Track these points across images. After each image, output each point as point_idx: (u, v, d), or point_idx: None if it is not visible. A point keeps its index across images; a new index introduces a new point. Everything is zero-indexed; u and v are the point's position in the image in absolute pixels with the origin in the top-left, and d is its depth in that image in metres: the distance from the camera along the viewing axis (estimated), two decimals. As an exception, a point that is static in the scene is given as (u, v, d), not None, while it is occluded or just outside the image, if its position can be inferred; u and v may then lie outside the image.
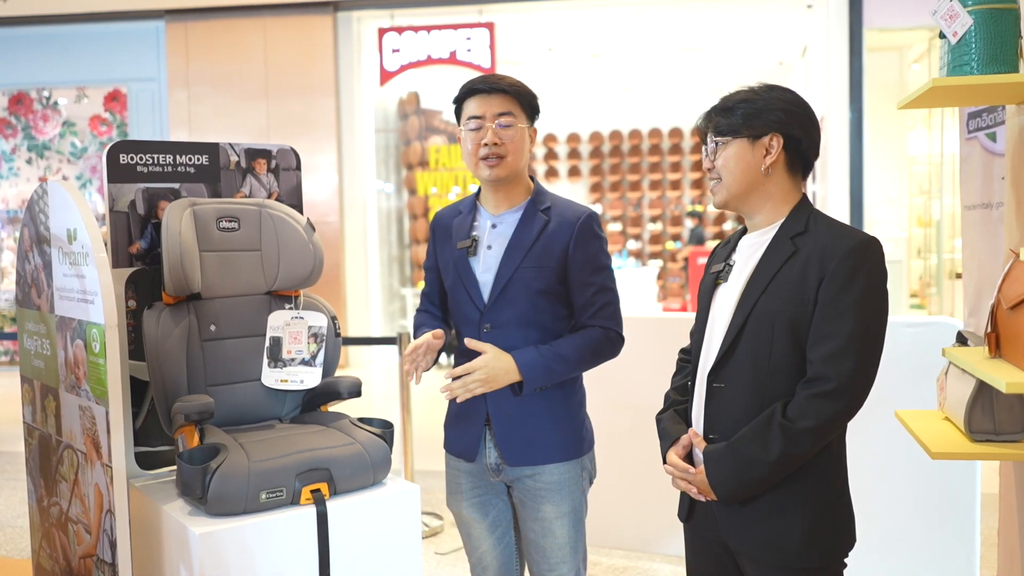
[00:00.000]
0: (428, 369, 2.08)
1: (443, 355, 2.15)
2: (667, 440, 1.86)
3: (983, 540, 3.49)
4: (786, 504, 1.70)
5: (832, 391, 1.61)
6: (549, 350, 2.03)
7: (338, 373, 2.40)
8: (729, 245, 1.90)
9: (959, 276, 8.15)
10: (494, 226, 2.12)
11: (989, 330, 1.67)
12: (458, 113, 2.13)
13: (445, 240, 2.19)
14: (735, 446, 1.69)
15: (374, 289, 8.88)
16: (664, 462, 1.86)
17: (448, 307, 2.20)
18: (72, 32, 8.48)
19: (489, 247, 2.10)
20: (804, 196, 1.80)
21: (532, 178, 2.19)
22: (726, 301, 1.79)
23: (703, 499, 1.78)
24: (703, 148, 1.84)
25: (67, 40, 8.51)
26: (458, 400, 2.05)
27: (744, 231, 1.88)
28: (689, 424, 1.85)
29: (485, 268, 2.09)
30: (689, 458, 1.82)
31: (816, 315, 1.64)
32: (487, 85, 2.06)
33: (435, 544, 3.92)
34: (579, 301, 2.09)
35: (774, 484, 1.69)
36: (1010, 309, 1.58)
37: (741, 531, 1.73)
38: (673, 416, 1.90)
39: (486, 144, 2.04)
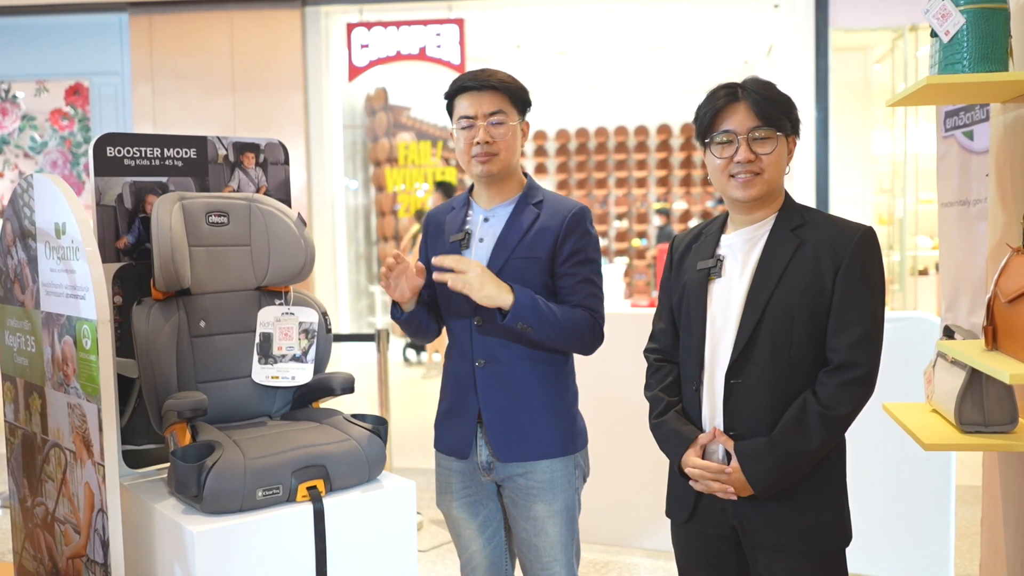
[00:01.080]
0: (403, 297, 2.07)
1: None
2: (681, 442, 1.81)
3: (957, 532, 3.57)
4: (819, 492, 1.74)
5: (862, 376, 1.67)
6: (543, 301, 2.01)
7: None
8: (705, 239, 1.89)
9: (922, 273, 8.32)
10: (486, 220, 2.13)
11: (986, 323, 1.70)
12: (449, 109, 2.12)
13: (437, 236, 2.19)
14: (773, 440, 1.69)
15: (342, 286, 8.82)
16: (675, 465, 1.83)
17: (434, 304, 2.20)
18: (32, 24, 8.28)
19: (481, 240, 2.11)
20: (787, 192, 1.84)
21: (525, 173, 2.19)
22: (729, 297, 1.79)
23: (734, 498, 1.75)
24: (714, 138, 1.76)
25: (27, 32, 8.32)
26: (449, 285, 1.96)
27: (721, 226, 1.88)
28: (693, 424, 1.84)
29: (477, 260, 2.08)
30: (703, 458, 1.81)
31: (835, 303, 1.69)
32: (477, 83, 2.05)
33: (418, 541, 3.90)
34: (563, 289, 2.08)
35: (807, 474, 1.72)
36: (1008, 303, 1.62)
37: (776, 524, 1.74)
38: (677, 418, 1.85)
39: (478, 143, 2.04)
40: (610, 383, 3.55)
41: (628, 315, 3.91)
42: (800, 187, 7.81)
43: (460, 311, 2.10)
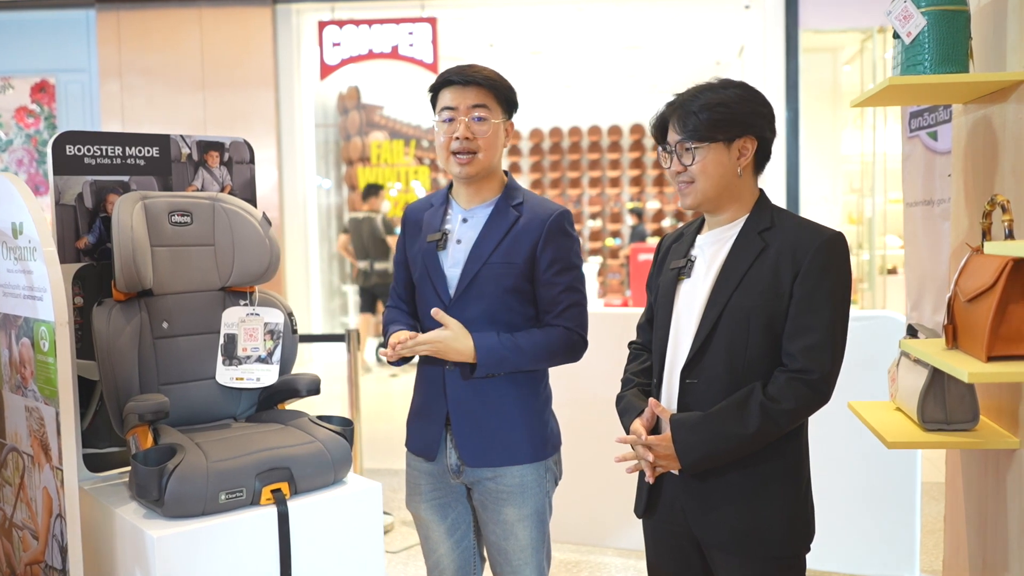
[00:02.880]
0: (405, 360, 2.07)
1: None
2: (632, 412, 1.86)
3: (923, 528, 3.61)
4: (764, 495, 1.73)
5: (814, 381, 1.66)
6: (509, 339, 2.00)
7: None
8: (683, 240, 1.92)
9: (891, 272, 8.40)
10: (465, 220, 2.09)
11: (947, 322, 1.72)
12: (433, 103, 2.08)
13: (415, 233, 2.16)
14: (710, 417, 1.71)
15: (315, 286, 8.76)
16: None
17: (412, 304, 2.18)
18: (-3, 20, 8.15)
19: (459, 241, 2.07)
20: (762, 191, 1.84)
21: (506, 173, 2.15)
22: (693, 297, 1.81)
23: (658, 471, 1.78)
24: (663, 149, 1.83)
25: (-9, 28, 8.19)
26: (387, 359, 2.01)
27: (699, 226, 1.90)
28: None
29: (453, 262, 2.06)
30: (655, 433, 1.82)
31: (792, 309, 1.68)
32: (462, 77, 2.01)
33: (385, 543, 3.88)
34: (544, 300, 2.06)
35: (734, 462, 1.72)
36: (967, 302, 1.63)
37: (717, 524, 1.75)
38: (637, 394, 1.90)
39: (458, 138, 2.01)
40: (583, 382, 3.55)
41: (601, 314, 3.91)
42: (771, 187, 7.87)
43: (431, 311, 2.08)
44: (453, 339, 1.98)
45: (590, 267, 11.19)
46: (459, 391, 2.04)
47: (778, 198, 7.83)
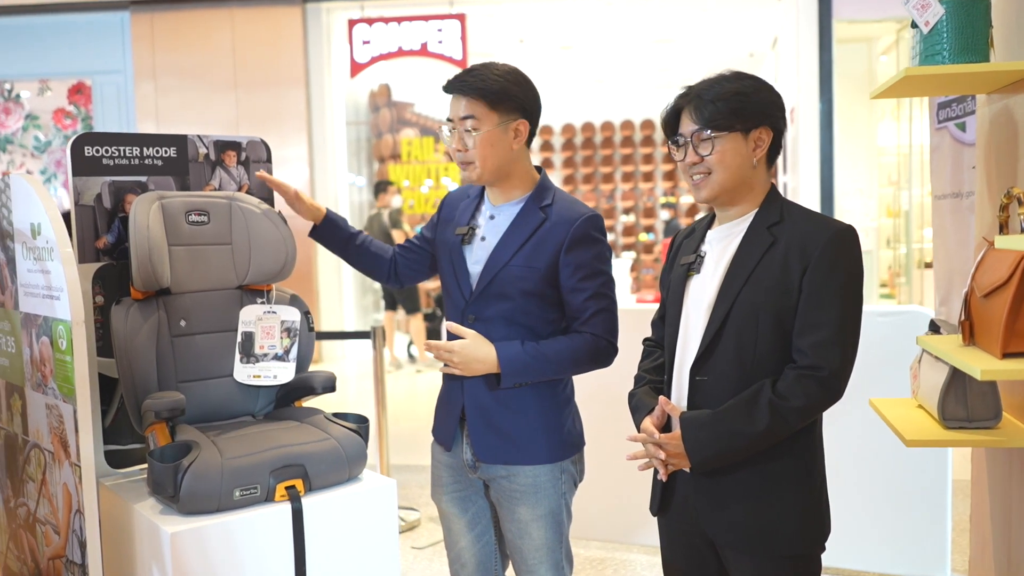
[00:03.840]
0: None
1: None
2: (642, 410, 1.84)
3: (955, 526, 3.54)
4: (775, 494, 1.71)
5: (824, 378, 1.63)
6: (534, 348, 1.97)
7: (312, 368, 2.37)
8: (695, 236, 1.90)
9: (928, 265, 8.25)
10: (492, 217, 2.08)
11: (963, 318, 1.68)
12: None
13: (449, 219, 2.15)
14: (719, 415, 1.69)
15: (347, 283, 8.82)
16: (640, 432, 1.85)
17: (408, 258, 2.27)
18: (35, 23, 8.32)
19: (483, 238, 2.06)
20: (773, 185, 1.81)
21: (540, 169, 2.10)
22: (702, 293, 1.78)
23: (670, 469, 1.76)
24: (673, 142, 1.80)
25: (30, 32, 8.35)
26: (434, 355, 2.02)
27: (710, 222, 1.88)
28: None
29: (476, 259, 2.05)
30: (665, 431, 1.80)
31: (802, 304, 1.65)
32: (451, 86, 2.00)
33: (412, 539, 3.90)
34: (571, 306, 2.02)
35: (745, 460, 1.70)
36: (983, 297, 1.59)
37: (728, 523, 1.73)
38: (648, 391, 1.88)
39: (457, 150, 2.02)
40: (611, 378, 3.50)
41: (634, 311, 3.88)
42: (805, 179, 7.77)
43: (456, 303, 2.07)
44: (473, 347, 1.97)
45: (623, 263, 11.14)
46: (476, 386, 2.03)
47: (812, 190, 7.72)
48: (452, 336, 2.03)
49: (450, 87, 2.01)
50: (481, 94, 1.97)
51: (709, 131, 1.71)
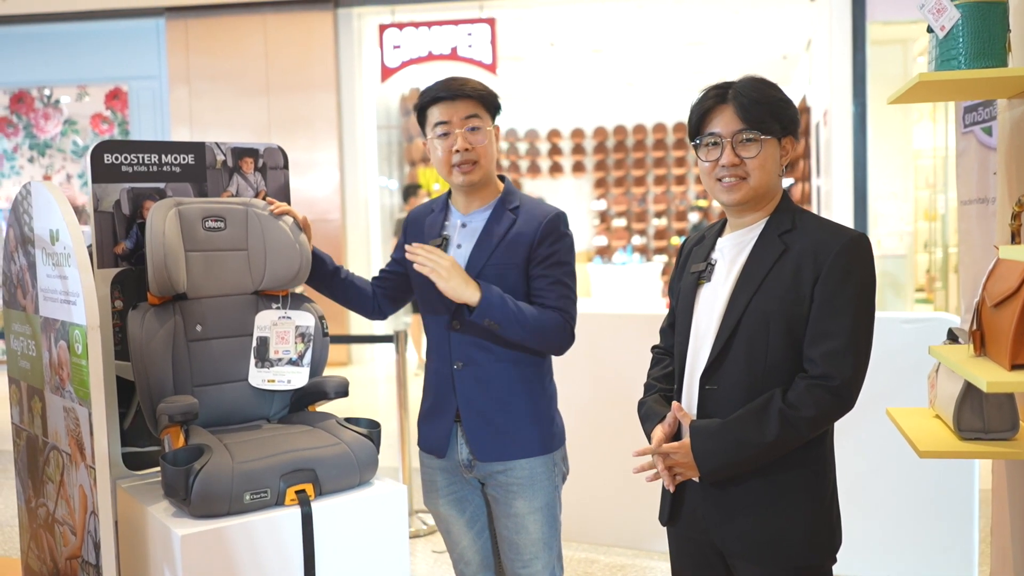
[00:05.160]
0: None
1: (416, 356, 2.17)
2: (653, 419, 1.83)
3: (982, 536, 3.47)
4: (785, 504, 1.69)
5: (835, 387, 1.61)
6: (511, 298, 2.03)
7: (340, 371, 2.39)
8: (705, 243, 1.88)
9: (963, 270, 8.10)
10: (464, 225, 2.15)
11: (974, 328, 1.64)
12: (421, 120, 2.14)
13: (416, 237, 2.21)
14: (729, 424, 1.67)
15: (377, 286, 8.86)
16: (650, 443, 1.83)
17: (386, 287, 2.33)
18: (72, 30, 8.49)
19: (459, 245, 2.13)
20: (785, 193, 1.79)
21: (502, 177, 2.20)
22: (713, 301, 1.77)
23: (679, 479, 1.76)
24: (703, 142, 1.74)
25: (68, 38, 8.52)
26: (416, 266, 2.01)
27: (720, 229, 1.86)
28: None
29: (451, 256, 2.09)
30: (675, 440, 1.79)
31: (813, 313, 1.63)
32: (450, 92, 2.07)
33: (432, 543, 3.91)
34: (536, 289, 2.09)
35: (754, 470, 1.68)
36: (994, 307, 1.56)
37: (737, 533, 1.71)
38: (658, 399, 1.88)
39: (458, 150, 2.05)
40: (633, 383, 3.50)
41: (662, 317, 3.86)
42: (838, 182, 7.67)
43: (436, 312, 2.12)
44: (455, 267, 1.99)
45: (654, 266, 11.06)
46: (468, 388, 2.09)
47: (845, 194, 7.62)
48: (437, 351, 2.11)
49: (449, 92, 2.07)
50: (481, 97, 2.08)
51: (757, 132, 1.68)
